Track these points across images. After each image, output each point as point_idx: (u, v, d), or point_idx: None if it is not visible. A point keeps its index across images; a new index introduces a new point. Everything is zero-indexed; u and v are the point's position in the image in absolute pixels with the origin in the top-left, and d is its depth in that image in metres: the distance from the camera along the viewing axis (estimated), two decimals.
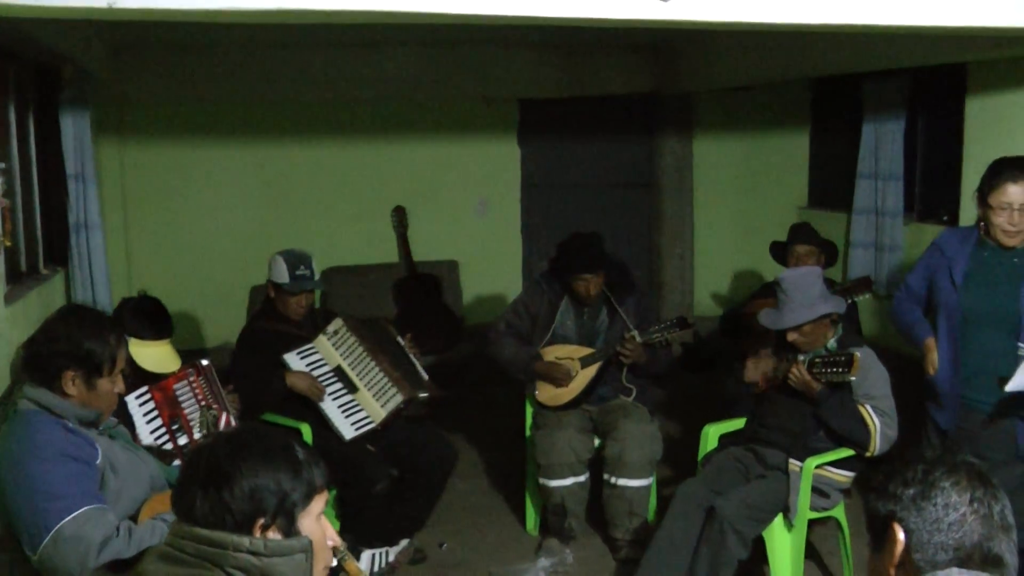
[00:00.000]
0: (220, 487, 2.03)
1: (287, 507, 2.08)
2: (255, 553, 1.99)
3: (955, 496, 1.90)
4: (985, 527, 1.88)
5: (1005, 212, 4.33)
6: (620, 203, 9.95)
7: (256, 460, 2.07)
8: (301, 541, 2.06)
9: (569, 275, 5.45)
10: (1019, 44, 5.37)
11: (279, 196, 8.86)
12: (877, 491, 1.99)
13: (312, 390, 5.09)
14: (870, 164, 7.99)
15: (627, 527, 5.33)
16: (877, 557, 2.01)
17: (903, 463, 1.99)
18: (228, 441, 2.13)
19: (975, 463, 1.97)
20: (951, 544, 1.87)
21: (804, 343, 4.67)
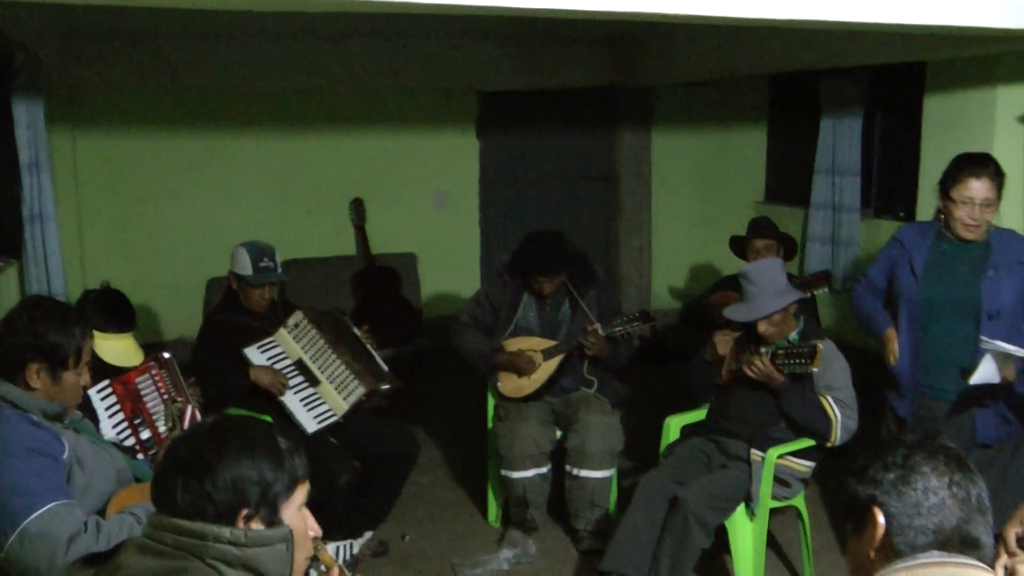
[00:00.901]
0: (202, 477, 2.02)
1: (270, 498, 2.07)
2: (236, 544, 1.98)
3: (934, 480, 1.92)
4: (963, 510, 1.91)
5: (966, 206, 4.40)
6: (578, 196, 9.98)
7: (239, 450, 2.07)
8: (282, 531, 2.06)
9: (526, 274, 5.46)
10: (977, 43, 5.45)
11: (236, 187, 8.79)
12: (857, 475, 2.01)
13: (275, 384, 5.07)
14: (828, 160, 8.07)
15: (589, 518, 5.35)
16: (857, 541, 2.03)
17: (883, 448, 2.01)
18: (210, 431, 2.11)
19: (953, 447, 2.00)
20: (931, 528, 1.90)
21: (774, 333, 4.71)
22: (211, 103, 8.66)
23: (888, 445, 2.01)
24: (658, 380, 7.87)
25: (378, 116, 9.15)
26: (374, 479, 5.22)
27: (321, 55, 8.47)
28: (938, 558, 1.88)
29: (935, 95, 6.71)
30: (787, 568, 5.22)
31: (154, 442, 4.06)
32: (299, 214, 8.93)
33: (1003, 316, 4.41)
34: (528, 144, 9.78)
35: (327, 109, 8.97)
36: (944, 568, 1.86)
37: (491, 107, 9.54)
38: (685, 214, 10.09)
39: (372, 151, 9.14)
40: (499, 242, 9.49)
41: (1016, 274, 4.43)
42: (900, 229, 4.88)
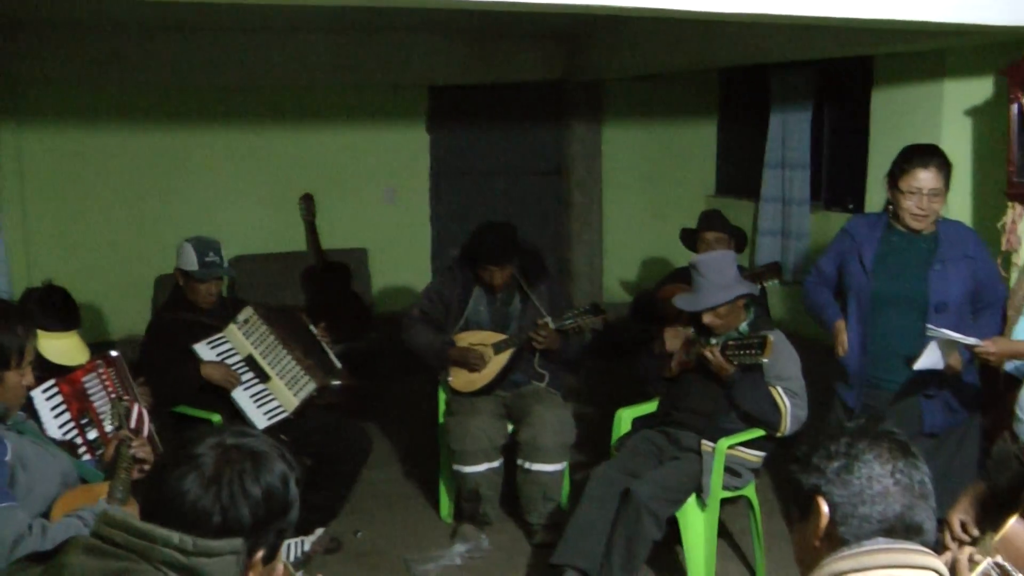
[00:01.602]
0: (240, 508, 1.96)
1: (280, 540, 2.05)
2: (182, 551, 1.92)
3: (878, 468, 1.93)
4: (907, 497, 1.92)
5: (915, 196, 4.45)
6: (529, 190, 9.97)
7: (278, 487, 2.01)
8: (232, 543, 1.97)
9: (476, 264, 5.45)
10: (924, 38, 5.50)
11: (184, 183, 8.70)
12: (802, 464, 2.02)
13: (227, 380, 5.03)
14: (777, 153, 8.13)
15: (541, 512, 5.36)
16: (802, 529, 2.03)
17: (826, 436, 2.01)
18: (252, 460, 2.02)
19: (897, 433, 2.01)
20: (875, 516, 1.91)
21: (720, 325, 4.75)
22: (158, 98, 8.55)
23: (831, 433, 2.01)
24: (609, 373, 7.88)
25: (328, 111, 9.09)
26: (326, 476, 5.19)
27: (270, 50, 8.40)
28: (883, 544, 1.89)
29: (883, 89, 6.77)
30: (739, 558, 5.26)
31: (101, 442, 4.01)
32: (249, 210, 8.85)
33: (950, 308, 4.46)
34: (479, 138, 9.76)
35: (276, 104, 8.90)
36: (889, 554, 1.87)
37: (441, 101, 9.51)
38: (636, 207, 10.11)
39: (322, 146, 9.08)
40: (450, 237, 9.46)
41: (963, 267, 4.48)
42: (849, 221, 4.93)
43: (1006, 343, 4.17)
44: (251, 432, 2.10)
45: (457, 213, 9.58)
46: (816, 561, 1.96)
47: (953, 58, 6.14)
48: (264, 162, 8.92)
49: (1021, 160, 5.03)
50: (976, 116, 5.99)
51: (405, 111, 9.40)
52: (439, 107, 9.53)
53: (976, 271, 4.50)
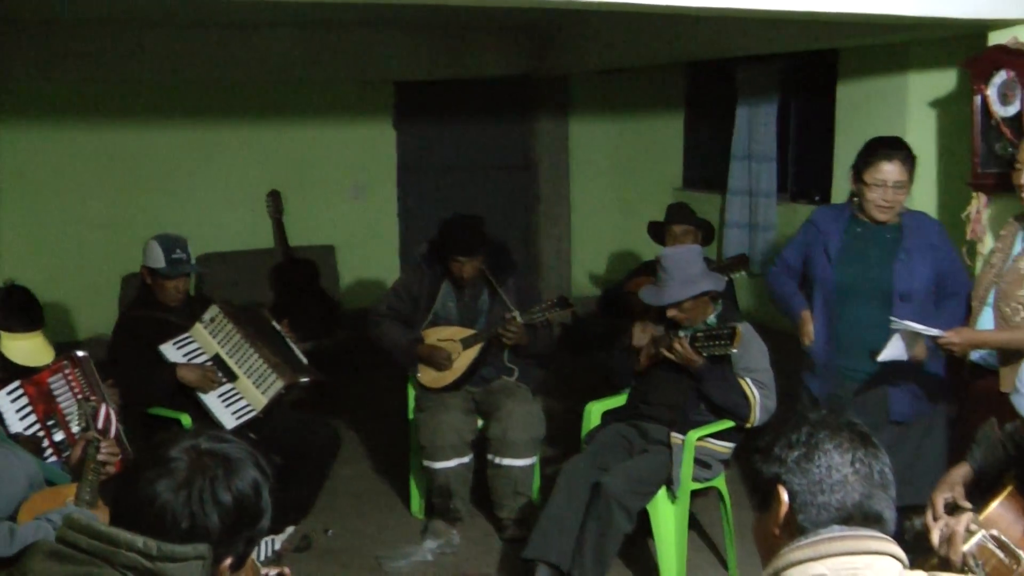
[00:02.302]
0: (210, 515, 1.94)
1: (251, 548, 2.04)
2: (146, 555, 1.90)
3: (837, 457, 1.95)
4: (865, 486, 1.94)
5: (879, 188, 4.47)
6: (497, 185, 9.97)
7: (250, 494, 2.00)
8: (197, 549, 1.95)
9: (445, 256, 5.45)
10: (888, 31, 5.54)
11: (151, 181, 8.63)
12: (762, 453, 2.04)
13: (203, 382, 4.99)
14: (744, 146, 8.16)
15: (512, 507, 5.36)
16: (762, 518, 2.06)
17: (787, 425, 2.04)
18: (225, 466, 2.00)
19: (857, 423, 2.03)
20: (834, 504, 1.93)
21: (684, 319, 4.77)
22: (123, 95, 8.48)
23: (793, 423, 2.04)
24: (578, 367, 7.90)
25: (294, 107, 9.05)
26: (295, 474, 5.17)
27: (236, 45, 8.36)
28: (839, 532, 1.91)
29: (848, 82, 6.81)
30: (710, 549, 5.28)
31: (67, 444, 3.98)
32: (216, 207, 8.80)
33: (915, 298, 4.49)
34: (446, 134, 9.75)
35: (242, 100, 8.85)
36: (845, 542, 1.89)
37: (408, 97, 9.50)
38: (603, 201, 10.13)
39: (289, 143, 9.04)
40: (418, 232, 9.42)
41: (928, 257, 4.51)
42: (814, 212, 4.95)
43: (969, 334, 4.21)
44: (226, 437, 2.08)
45: (425, 209, 9.55)
46: (775, 550, 1.98)
47: (917, 51, 6.18)
48: (231, 159, 8.87)
49: (985, 151, 5.06)
50: (940, 108, 6.03)
51: (372, 107, 9.38)
52: (406, 103, 9.52)
53: (940, 260, 4.54)
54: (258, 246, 8.76)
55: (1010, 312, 4.16)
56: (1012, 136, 4.80)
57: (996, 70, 4.94)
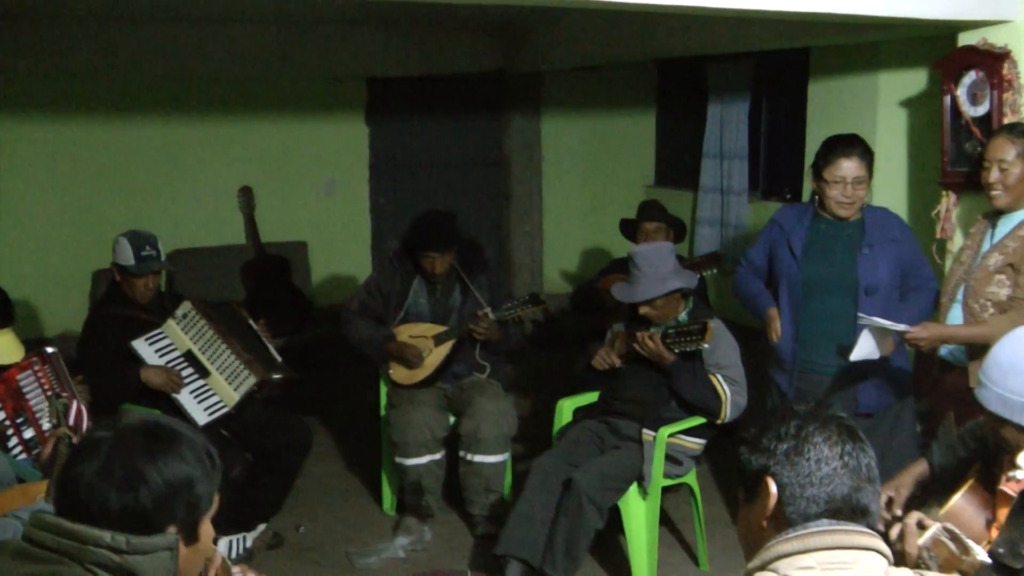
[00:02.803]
0: (136, 489, 1.94)
1: (195, 516, 2.02)
2: (116, 550, 1.91)
3: (827, 451, 1.96)
4: (853, 480, 1.95)
5: (839, 185, 4.53)
6: (468, 182, 9.98)
7: (174, 462, 1.99)
8: (167, 539, 1.97)
9: (417, 251, 5.44)
10: (858, 31, 5.58)
11: (121, 176, 8.58)
12: (751, 445, 2.04)
13: (168, 385, 4.96)
14: (715, 144, 8.20)
15: (484, 503, 5.36)
16: (748, 510, 2.06)
17: (776, 418, 2.04)
18: (143, 439, 2.01)
19: (845, 418, 2.04)
20: (823, 497, 1.94)
21: (656, 316, 4.79)
22: (92, 88, 8.43)
23: (781, 415, 2.04)
24: (549, 364, 7.92)
25: (266, 103, 9.02)
26: (267, 471, 5.16)
27: (208, 41, 8.33)
28: (828, 526, 1.92)
29: (819, 81, 6.85)
30: (681, 545, 5.30)
31: (37, 441, 3.95)
32: (187, 203, 8.77)
33: (879, 292, 4.54)
34: (418, 130, 9.74)
35: (213, 95, 8.81)
36: (834, 536, 1.90)
37: (380, 93, 9.49)
38: (575, 198, 10.15)
39: (260, 138, 9.02)
40: (390, 229, 9.44)
41: (890, 251, 4.57)
42: (778, 211, 5.01)
43: (936, 329, 4.25)
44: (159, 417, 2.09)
45: (396, 205, 9.56)
46: (762, 542, 1.98)
47: (887, 51, 6.23)
48: (202, 154, 8.83)
49: (954, 150, 5.11)
50: (910, 107, 6.08)
51: (344, 103, 9.37)
52: (378, 99, 9.51)
53: (902, 254, 4.60)
54: (230, 242, 8.74)
55: (979, 308, 4.20)
56: (981, 136, 4.86)
57: (965, 70, 5.00)
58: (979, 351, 4.13)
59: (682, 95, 9.14)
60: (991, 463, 3.06)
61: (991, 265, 4.19)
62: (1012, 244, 4.15)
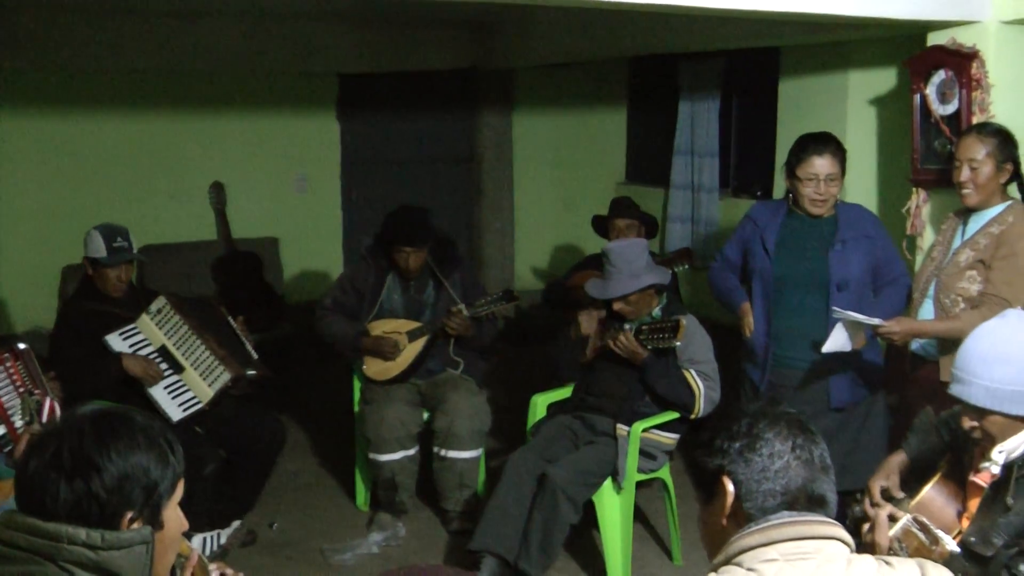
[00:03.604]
0: (88, 478, 1.92)
1: (155, 499, 2.00)
2: (91, 547, 1.89)
3: (778, 445, 2.00)
4: (808, 471, 2.00)
5: (812, 183, 4.57)
6: (440, 178, 9.98)
7: (127, 448, 1.97)
8: (142, 533, 1.96)
9: (391, 246, 5.45)
10: (829, 30, 5.63)
11: (91, 172, 8.52)
12: (705, 447, 2.09)
13: (147, 374, 4.95)
14: (686, 141, 8.24)
15: (458, 499, 5.38)
16: (709, 509, 2.11)
17: (727, 418, 2.09)
18: (93, 426, 1.99)
19: (794, 412, 2.09)
20: (778, 490, 1.98)
21: (629, 312, 4.82)
22: (62, 83, 8.36)
23: (732, 416, 2.09)
24: (522, 360, 7.93)
25: (238, 98, 8.99)
26: (241, 467, 5.16)
27: (179, 35, 8.28)
28: (788, 518, 1.96)
29: (790, 79, 6.91)
30: (655, 540, 5.34)
31: (10, 439, 3.93)
32: (158, 198, 8.72)
33: (851, 287, 4.58)
34: (390, 127, 9.74)
35: (185, 90, 8.76)
36: (795, 527, 1.94)
37: (352, 90, 9.47)
38: (547, 195, 10.18)
39: (232, 134, 8.98)
40: (362, 225, 9.43)
41: (863, 247, 4.61)
42: (752, 208, 5.05)
43: (909, 323, 4.31)
44: (111, 406, 2.08)
45: (368, 202, 9.55)
46: (724, 539, 2.02)
47: (857, 50, 6.29)
48: (173, 149, 8.78)
49: (924, 148, 5.17)
50: (880, 106, 6.14)
51: (315, 99, 9.35)
52: (350, 95, 9.50)
53: (875, 250, 4.64)
54: (201, 238, 8.69)
55: (949, 304, 4.26)
56: (950, 134, 4.92)
57: (935, 70, 5.06)
58: (950, 345, 4.19)
59: (654, 92, 9.18)
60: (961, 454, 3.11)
61: (962, 261, 4.25)
62: (983, 240, 4.21)
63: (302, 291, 9.06)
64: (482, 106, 9.81)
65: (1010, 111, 4.84)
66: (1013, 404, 2.76)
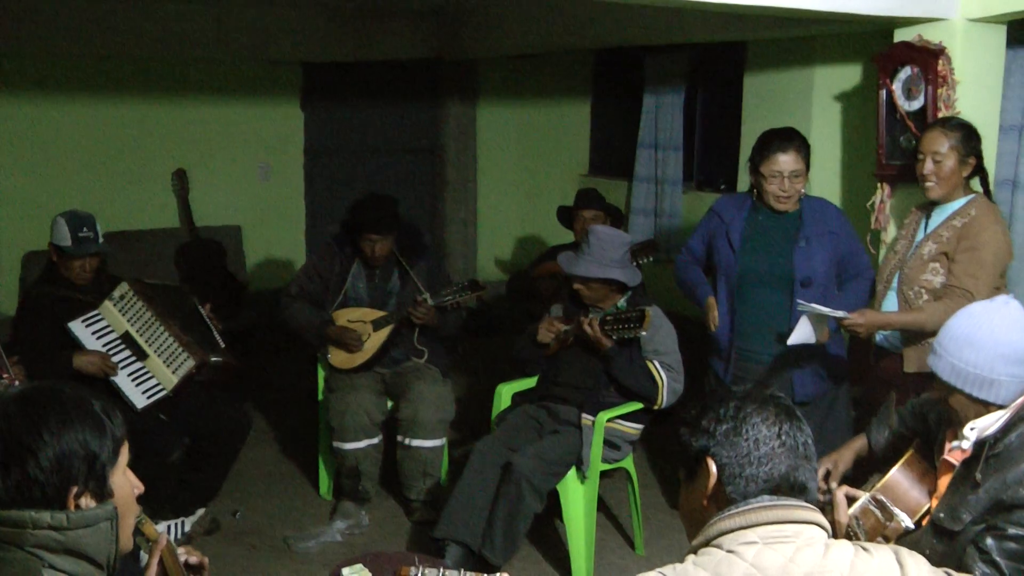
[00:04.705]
0: (24, 461, 1.90)
1: (97, 469, 1.98)
2: (57, 528, 1.88)
3: (765, 430, 2.01)
4: (791, 458, 2.01)
5: (777, 179, 4.60)
6: (404, 168, 9.97)
7: (57, 424, 1.94)
8: (106, 509, 1.96)
9: (357, 234, 5.44)
10: (795, 25, 5.67)
11: (53, 157, 8.41)
12: (691, 427, 2.09)
13: (102, 370, 4.90)
14: (651, 134, 8.26)
15: (421, 488, 5.38)
16: (690, 489, 2.11)
17: (715, 400, 2.09)
18: (20, 408, 1.97)
19: (782, 398, 2.10)
20: (761, 476, 1.99)
21: (586, 297, 4.85)
22: (22, 68, 8.24)
23: (720, 397, 2.09)
24: (485, 351, 7.95)
25: (201, 85, 8.92)
26: (205, 455, 5.14)
27: (142, 20, 8.19)
28: (769, 502, 1.97)
29: (755, 74, 6.95)
30: (617, 529, 5.37)
31: None
32: (120, 185, 8.63)
33: (816, 283, 4.63)
34: (354, 116, 9.72)
35: (148, 77, 8.68)
36: (775, 511, 1.95)
37: (316, 78, 9.44)
38: (510, 186, 10.19)
39: (195, 121, 8.91)
40: (325, 214, 9.41)
41: (827, 243, 4.66)
42: (717, 202, 5.07)
43: (873, 315, 4.35)
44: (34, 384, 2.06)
45: (331, 191, 9.54)
46: (704, 520, 2.03)
47: (822, 46, 6.34)
48: (135, 135, 8.69)
49: (889, 143, 5.23)
50: (845, 101, 6.19)
51: (280, 87, 9.31)
52: (314, 84, 9.47)
53: (839, 245, 4.69)
54: (163, 225, 8.64)
55: (913, 296, 4.31)
56: (916, 130, 4.97)
57: (901, 66, 5.11)
58: (914, 337, 4.25)
59: (618, 85, 9.20)
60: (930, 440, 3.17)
61: (925, 254, 4.30)
62: (946, 233, 4.26)
63: (265, 279, 9.03)
64: (446, 97, 9.81)
65: (975, 107, 4.91)
66: (974, 386, 2.82)
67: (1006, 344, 2.79)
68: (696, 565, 1.94)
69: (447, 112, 9.85)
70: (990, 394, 2.81)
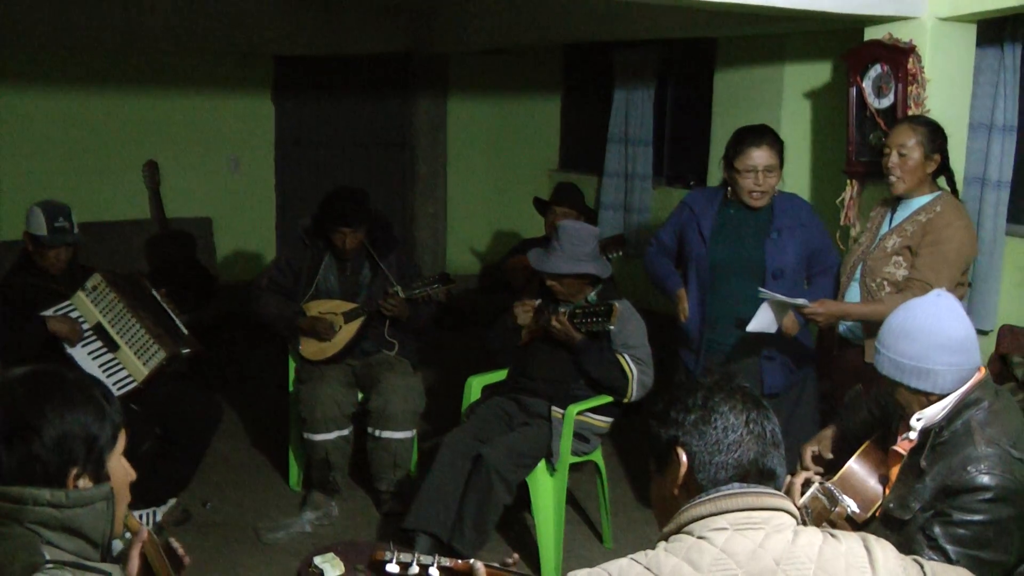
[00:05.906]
0: (29, 439, 1.94)
1: (96, 452, 2.02)
2: (56, 506, 1.92)
3: (733, 419, 2.05)
4: (759, 445, 2.05)
5: (751, 175, 4.65)
6: (374, 162, 9.97)
7: (61, 405, 1.99)
8: (102, 489, 2.00)
9: (329, 226, 5.45)
10: (765, 22, 5.71)
11: (23, 147, 8.35)
12: (660, 417, 2.13)
13: (72, 334, 4.90)
14: (620, 130, 8.30)
15: (391, 479, 5.41)
16: (661, 479, 2.14)
17: (683, 391, 2.13)
18: (26, 388, 2.01)
19: (749, 387, 2.14)
20: (731, 463, 2.03)
21: (560, 292, 4.88)
22: None
23: (688, 388, 2.13)
24: (455, 344, 7.97)
25: (172, 77, 8.88)
26: (176, 445, 5.14)
27: (113, 11, 8.13)
28: (738, 489, 2.01)
29: (725, 71, 7.00)
30: (586, 522, 5.41)
31: None
32: (90, 176, 8.58)
33: (786, 276, 4.68)
34: (324, 110, 9.71)
35: (120, 68, 8.64)
36: (744, 498, 1.99)
37: (287, 72, 9.42)
38: (480, 181, 10.21)
39: (166, 113, 8.87)
40: (295, 207, 9.39)
41: (798, 236, 4.71)
42: (688, 194, 5.11)
43: (833, 305, 4.42)
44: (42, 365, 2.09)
45: (302, 184, 9.53)
46: (675, 508, 2.06)
47: (793, 43, 6.39)
48: (106, 126, 8.65)
49: (859, 140, 5.29)
50: (814, 98, 6.25)
51: (251, 80, 9.28)
52: (285, 77, 9.45)
53: (809, 239, 4.74)
54: (134, 217, 8.59)
55: (875, 287, 4.37)
56: (885, 127, 5.03)
57: (872, 64, 5.17)
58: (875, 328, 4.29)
59: (588, 80, 9.24)
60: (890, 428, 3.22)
61: (889, 247, 4.36)
62: (910, 228, 4.32)
63: (235, 271, 9.02)
64: (417, 91, 9.82)
65: (945, 105, 4.97)
66: (912, 377, 2.87)
67: (940, 333, 2.84)
68: (667, 552, 1.97)
69: (417, 106, 9.86)
70: (929, 384, 2.85)
